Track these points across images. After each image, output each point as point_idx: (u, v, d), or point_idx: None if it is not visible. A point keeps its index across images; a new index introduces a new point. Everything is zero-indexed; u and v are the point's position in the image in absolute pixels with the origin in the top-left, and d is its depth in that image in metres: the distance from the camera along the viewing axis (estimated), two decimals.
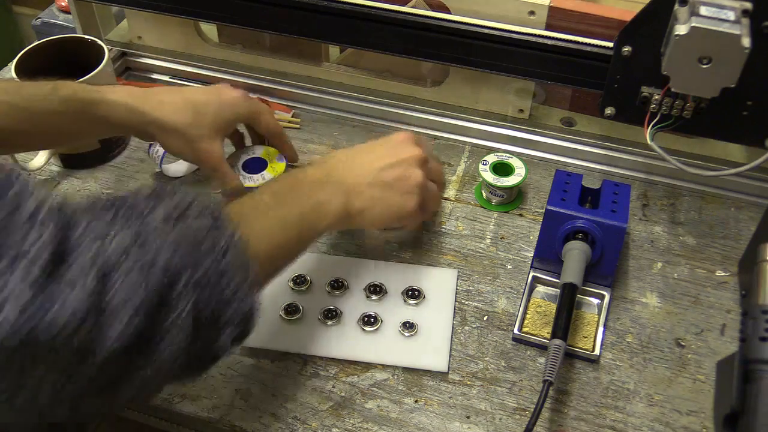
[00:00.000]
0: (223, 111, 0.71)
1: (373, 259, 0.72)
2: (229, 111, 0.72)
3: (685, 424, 0.59)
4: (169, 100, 0.69)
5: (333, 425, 0.59)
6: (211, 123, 0.70)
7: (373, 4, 0.75)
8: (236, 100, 0.72)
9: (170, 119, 0.68)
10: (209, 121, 0.70)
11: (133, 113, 0.67)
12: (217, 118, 0.71)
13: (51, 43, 0.80)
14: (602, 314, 0.66)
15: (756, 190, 0.78)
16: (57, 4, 1.21)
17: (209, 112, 0.70)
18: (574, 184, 0.68)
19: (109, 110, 0.66)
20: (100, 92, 0.67)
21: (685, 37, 0.58)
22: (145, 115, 0.68)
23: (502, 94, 0.84)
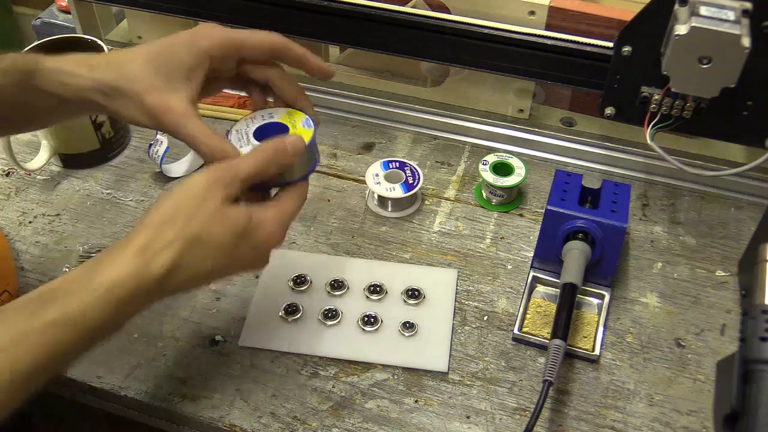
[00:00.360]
0: (191, 47, 0.53)
1: (373, 259, 0.72)
2: (198, 45, 0.53)
3: (685, 424, 0.59)
4: (124, 58, 0.54)
5: (333, 425, 0.59)
6: (170, 68, 0.53)
7: (373, 4, 0.75)
8: (214, 29, 0.55)
9: (111, 77, 0.53)
10: (167, 68, 0.53)
11: (71, 78, 0.54)
12: (181, 59, 0.53)
13: (51, 43, 0.80)
14: (602, 314, 0.66)
15: (756, 190, 0.78)
16: (57, 4, 1.21)
17: (171, 55, 0.53)
18: (574, 184, 0.68)
19: (44, 79, 0.54)
20: (40, 60, 0.55)
21: (685, 37, 0.58)
22: (83, 79, 0.53)
23: (502, 94, 0.84)
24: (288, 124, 0.57)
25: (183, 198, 0.49)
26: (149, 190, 0.79)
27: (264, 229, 0.52)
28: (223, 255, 0.50)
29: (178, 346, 0.65)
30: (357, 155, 0.84)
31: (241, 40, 0.55)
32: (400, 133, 0.87)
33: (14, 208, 0.78)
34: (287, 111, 0.58)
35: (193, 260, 0.48)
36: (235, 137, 0.56)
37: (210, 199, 0.49)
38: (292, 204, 0.55)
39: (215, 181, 0.50)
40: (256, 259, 0.53)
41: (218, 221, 0.49)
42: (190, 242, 0.48)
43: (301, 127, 0.56)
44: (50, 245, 0.73)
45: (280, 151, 0.53)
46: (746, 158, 0.78)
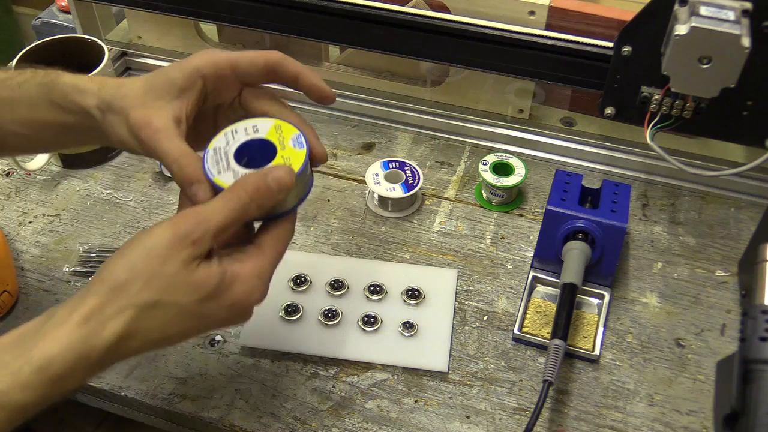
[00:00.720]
0: (182, 66, 0.50)
1: (373, 259, 0.72)
2: (190, 64, 0.50)
3: (685, 424, 0.59)
4: (131, 79, 0.52)
5: (333, 425, 0.59)
6: (160, 86, 0.50)
7: (373, 4, 0.75)
8: (209, 51, 0.52)
9: (110, 93, 0.50)
10: (158, 85, 0.50)
11: (81, 94, 0.51)
12: (172, 77, 0.50)
13: (51, 43, 0.80)
14: (602, 314, 0.66)
15: (756, 190, 0.78)
16: (57, 4, 1.21)
17: (164, 74, 0.50)
18: (574, 184, 0.68)
19: (59, 93, 0.53)
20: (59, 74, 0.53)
21: (685, 37, 0.58)
22: (91, 96, 0.51)
23: (502, 94, 0.84)
24: (275, 143, 0.49)
25: (141, 258, 0.43)
26: (149, 190, 0.79)
27: (240, 286, 0.46)
28: (188, 319, 0.45)
29: (178, 346, 0.65)
30: (357, 155, 0.84)
31: (235, 57, 0.51)
32: (400, 133, 0.87)
33: (14, 208, 0.78)
34: (275, 124, 0.50)
35: (149, 326, 0.43)
36: (212, 159, 0.48)
37: (173, 259, 0.43)
38: (275, 250, 0.48)
39: (181, 238, 0.43)
40: (234, 315, 0.47)
41: (181, 285, 0.43)
42: (145, 308, 0.43)
43: (290, 146, 0.49)
44: (50, 245, 0.73)
45: (261, 191, 0.46)
46: (746, 158, 0.78)
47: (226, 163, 0.48)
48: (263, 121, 0.50)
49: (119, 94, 0.50)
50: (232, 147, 0.49)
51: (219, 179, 0.47)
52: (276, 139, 0.49)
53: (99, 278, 0.43)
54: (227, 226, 0.45)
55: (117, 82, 0.51)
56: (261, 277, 0.47)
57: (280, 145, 0.49)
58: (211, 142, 0.49)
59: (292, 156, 0.48)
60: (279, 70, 0.52)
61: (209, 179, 0.47)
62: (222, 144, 0.49)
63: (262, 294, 0.47)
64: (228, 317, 0.47)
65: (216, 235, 0.45)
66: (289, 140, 0.49)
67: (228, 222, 0.45)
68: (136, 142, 0.49)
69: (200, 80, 0.50)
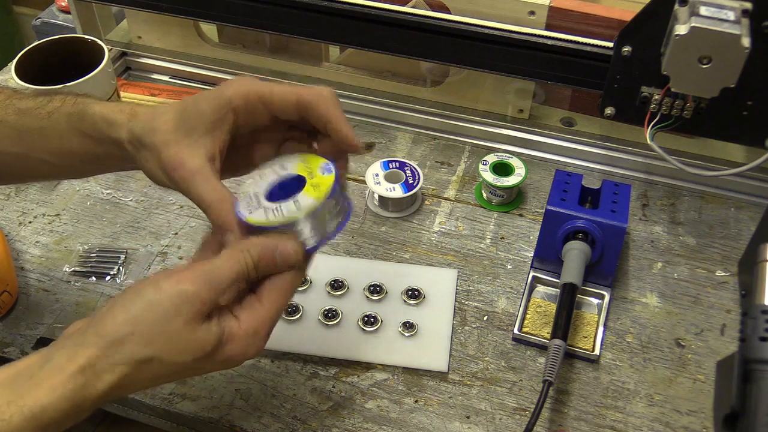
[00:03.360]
0: (213, 98, 0.48)
1: (373, 259, 0.72)
2: (222, 95, 0.48)
3: (685, 424, 0.59)
4: (161, 109, 0.50)
5: (333, 425, 0.59)
6: (192, 121, 0.48)
7: (373, 4, 0.75)
8: (239, 80, 0.50)
9: (141, 127, 0.49)
10: (189, 121, 0.48)
11: (111, 126, 0.50)
12: (202, 110, 0.48)
13: (51, 43, 0.80)
14: (602, 314, 0.66)
15: (756, 190, 0.78)
16: (57, 4, 1.21)
17: (195, 105, 0.49)
18: (574, 184, 0.68)
19: (88, 123, 0.52)
20: (88, 103, 0.52)
21: (685, 37, 0.58)
22: (121, 128, 0.50)
23: (502, 94, 0.84)
24: (304, 174, 0.48)
25: (144, 312, 0.42)
26: (149, 190, 0.79)
27: (236, 345, 0.45)
28: (182, 372, 0.45)
29: None
30: (357, 155, 0.84)
31: (268, 91, 0.48)
32: (400, 133, 0.87)
33: (14, 208, 0.78)
34: (301, 157, 0.49)
35: (143, 378, 0.43)
36: (245, 205, 0.47)
37: (177, 318, 0.42)
38: (275, 304, 0.46)
39: (189, 298, 0.43)
40: (225, 367, 0.47)
41: (182, 344, 0.43)
42: (142, 363, 0.42)
43: (319, 174, 0.48)
44: (50, 245, 0.73)
45: (264, 261, 0.45)
46: (746, 158, 0.78)
47: (257, 204, 0.47)
48: (289, 158, 0.50)
49: (149, 128, 0.48)
50: (262, 189, 0.48)
51: (251, 218, 0.46)
52: (305, 170, 0.49)
53: (98, 327, 0.43)
54: (236, 283, 0.45)
55: (148, 113, 0.50)
56: (257, 334, 0.45)
57: (309, 175, 0.48)
58: (240, 188, 0.49)
59: (321, 183, 0.47)
60: (310, 112, 0.49)
61: (241, 220, 0.46)
62: (252, 189, 0.48)
63: (258, 349, 0.46)
64: (219, 368, 0.47)
65: (224, 293, 0.44)
66: (318, 169, 0.48)
67: (231, 282, 0.44)
68: (169, 181, 0.48)
69: (231, 114, 0.49)
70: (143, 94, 0.91)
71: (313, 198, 0.46)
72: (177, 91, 0.91)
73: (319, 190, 0.47)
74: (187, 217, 0.76)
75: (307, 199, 0.46)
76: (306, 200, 0.46)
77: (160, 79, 0.95)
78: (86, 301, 0.68)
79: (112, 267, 0.71)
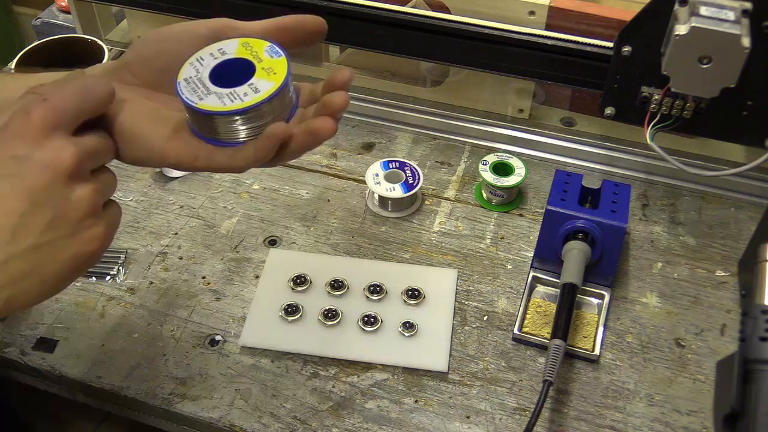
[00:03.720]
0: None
1: (373, 259, 0.72)
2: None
3: (685, 424, 0.59)
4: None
5: (333, 425, 0.59)
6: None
7: (373, 4, 0.75)
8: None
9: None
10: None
11: None
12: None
13: (51, 43, 0.80)
14: (602, 314, 0.66)
15: (756, 190, 0.78)
16: (57, 4, 1.21)
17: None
18: (574, 184, 0.68)
19: None
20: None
21: (685, 37, 0.58)
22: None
23: (502, 94, 0.84)
24: (249, 58, 0.44)
25: None
26: (149, 190, 0.79)
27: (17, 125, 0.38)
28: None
29: (178, 346, 0.65)
30: (357, 155, 0.84)
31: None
32: (400, 133, 0.87)
33: None
34: (242, 41, 0.46)
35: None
36: (188, 89, 0.43)
37: None
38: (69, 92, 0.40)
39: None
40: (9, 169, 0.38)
41: None
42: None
43: (267, 57, 0.44)
44: None
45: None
46: (746, 158, 0.78)
47: (204, 89, 0.43)
48: (228, 43, 0.46)
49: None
50: (205, 73, 0.44)
51: (203, 105, 0.43)
52: (249, 54, 0.45)
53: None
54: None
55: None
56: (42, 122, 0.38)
57: (255, 59, 0.44)
58: (178, 73, 0.44)
59: (273, 66, 0.44)
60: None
61: (192, 107, 0.43)
62: (192, 73, 0.44)
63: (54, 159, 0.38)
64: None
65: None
66: (263, 53, 0.45)
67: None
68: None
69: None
70: None
71: (268, 80, 0.43)
72: None
73: (275, 74, 0.43)
74: (187, 217, 0.76)
75: (265, 83, 0.43)
76: (264, 84, 0.43)
77: None
78: (86, 301, 0.68)
79: (112, 267, 0.71)
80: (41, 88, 0.40)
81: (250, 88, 0.43)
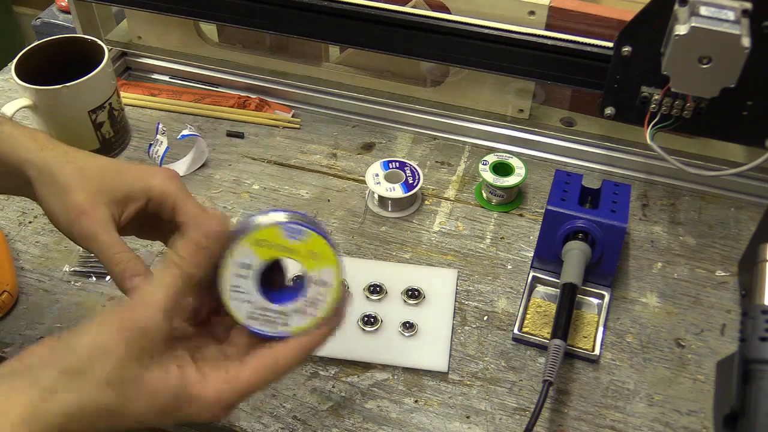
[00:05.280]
0: (138, 177, 0.50)
1: (373, 259, 0.72)
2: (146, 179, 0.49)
3: (685, 424, 0.59)
4: (78, 154, 0.51)
5: (333, 425, 0.59)
6: (107, 182, 0.49)
7: (373, 4, 0.75)
8: (160, 172, 0.50)
9: (52, 162, 0.49)
10: (106, 182, 0.49)
11: (21, 149, 0.50)
12: (124, 181, 0.49)
13: (51, 43, 0.80)
14: (602, 314, 0.66)
15: (756, 190, 0.78)
16: (57, 4, 1.21)
17: (116, 176, 0.50)
18: (574, 184, 0.68)
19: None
20: (2, 122, 0.52)
21: (685, 37, 0.58)
22: (30, 152, 0.50)
23: (502, 94, 0.84)
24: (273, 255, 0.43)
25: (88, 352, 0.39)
26: None
27: (198, 409, 0.41)
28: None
29: None
30: (357, 155, 0.84)
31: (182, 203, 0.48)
32: (400, 133, 0.87)
33: (14, 208, 0.78)
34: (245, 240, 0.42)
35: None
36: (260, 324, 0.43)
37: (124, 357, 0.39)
38: (258, 376, 0.42)
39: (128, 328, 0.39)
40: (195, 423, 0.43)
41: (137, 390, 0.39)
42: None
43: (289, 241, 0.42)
44: (50, 245, 0.73)
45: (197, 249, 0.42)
46: (746, 158, 0.78)
47: (277, 314, 0.43)
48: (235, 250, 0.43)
49: (66, 169, 0.49)
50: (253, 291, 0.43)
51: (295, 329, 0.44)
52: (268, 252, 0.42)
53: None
54: (176, 298, 0.41)
55: (69, 152, 0.50)
56: (222, 405, 0.41)
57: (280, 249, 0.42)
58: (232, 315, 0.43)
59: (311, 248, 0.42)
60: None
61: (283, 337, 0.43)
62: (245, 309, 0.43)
63: (223, 416, 0.42)
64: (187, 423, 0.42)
65: (167, 312, 0.40)
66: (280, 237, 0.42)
67: (175, 293, 0.41)
68: (68, 223, 0.48)
69: (144, 201, 0.49)
70: (143, 94, 0.91)
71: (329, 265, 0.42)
72: (177, 91, 0.92)
73: (320, 256, 0.42)
74: None
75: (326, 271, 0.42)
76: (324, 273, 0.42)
77: (160, 79, 0.95)
78: (86, 301, 0.68)
79: None
80: None
81: (317, 286, 0.42)
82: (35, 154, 0.50)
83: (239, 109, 0.89)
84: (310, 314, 0.43)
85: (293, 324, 0.43)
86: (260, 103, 0.89)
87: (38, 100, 0.76)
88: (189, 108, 0.89)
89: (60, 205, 0.48)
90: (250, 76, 0.91)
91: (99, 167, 0.50)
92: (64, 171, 0.49)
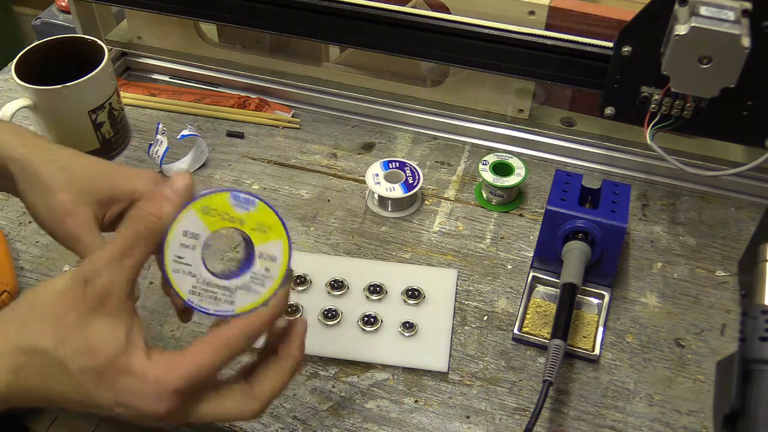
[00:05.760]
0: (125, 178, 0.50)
1: (373, 259, 0.72)
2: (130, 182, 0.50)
3: (685, 424, 0.59)
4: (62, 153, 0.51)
5: (333, 425, 0.59)
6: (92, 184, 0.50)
7: (373, 4, 0.75)
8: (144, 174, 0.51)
9: (35, 159, 0.50)
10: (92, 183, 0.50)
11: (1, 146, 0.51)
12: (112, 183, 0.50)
13: (51, 43, 0.80)
14: (602, 314, 0.66)
15: (756, 190, 0.78)
16: (57, 4, 1.21)
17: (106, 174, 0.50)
18: (574, 184, 0.68)
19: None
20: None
21: (685, 37, 0.58)
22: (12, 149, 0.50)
23: (502, 94, 0.84)
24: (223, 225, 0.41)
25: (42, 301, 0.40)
26: None
27: (134, 383, 0.39)
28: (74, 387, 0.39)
29: (178, 346, 0.65)
30: (357, 155, 0.84)
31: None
32: (400, 133, 0.87)
33: (14, 208, 0.78)
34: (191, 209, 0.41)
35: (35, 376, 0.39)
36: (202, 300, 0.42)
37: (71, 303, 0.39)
38: (200, 357, 0.40)
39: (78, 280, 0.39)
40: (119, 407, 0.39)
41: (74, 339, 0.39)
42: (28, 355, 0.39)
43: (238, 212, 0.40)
44: (50, 245, 0.73)
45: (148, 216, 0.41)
46: (746, 158, 0.78)
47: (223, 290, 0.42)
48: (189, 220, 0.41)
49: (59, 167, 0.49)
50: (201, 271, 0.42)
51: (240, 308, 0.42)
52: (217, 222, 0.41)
53: None
54: (124, 250, 0.40)
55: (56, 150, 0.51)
56: (162, 384, 0.39)
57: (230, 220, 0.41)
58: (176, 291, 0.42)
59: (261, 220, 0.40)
60: None
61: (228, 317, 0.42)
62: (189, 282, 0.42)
63: (168, 409, 0.39)
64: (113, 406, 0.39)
65: (110, 264, 0.39)
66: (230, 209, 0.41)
67: (122, 245, 0.40)
68: (51, 223, 0.48)
69: (128, 203, 0.50)
70: (143, 94, 0.91)
71: (277, 239, 0.40)
72: (177, 91, 0.92)
73: (271, 230, 0.40)
74: None
75: (272, 245, 0.40)
76: (272, 247, 0.40)
77: (160, 79, 0.95)
78: None
79: None
80: None
81: (264, 261, 0.40)
82: (17, 150, 0.50)
83: (239, 109, 0.89)
84: (256, 291, 0.41)
85: (238, 302, 0.41)
86: (260, 103, 0.89)
87: (38, 100, 0.76)
88: (189, 108, 0.89)
89: (43, 204, 0.49)
90: (250, 76, 0.91)
91: (83, 167, 0.50)
92: (48, 169, 0.49)
